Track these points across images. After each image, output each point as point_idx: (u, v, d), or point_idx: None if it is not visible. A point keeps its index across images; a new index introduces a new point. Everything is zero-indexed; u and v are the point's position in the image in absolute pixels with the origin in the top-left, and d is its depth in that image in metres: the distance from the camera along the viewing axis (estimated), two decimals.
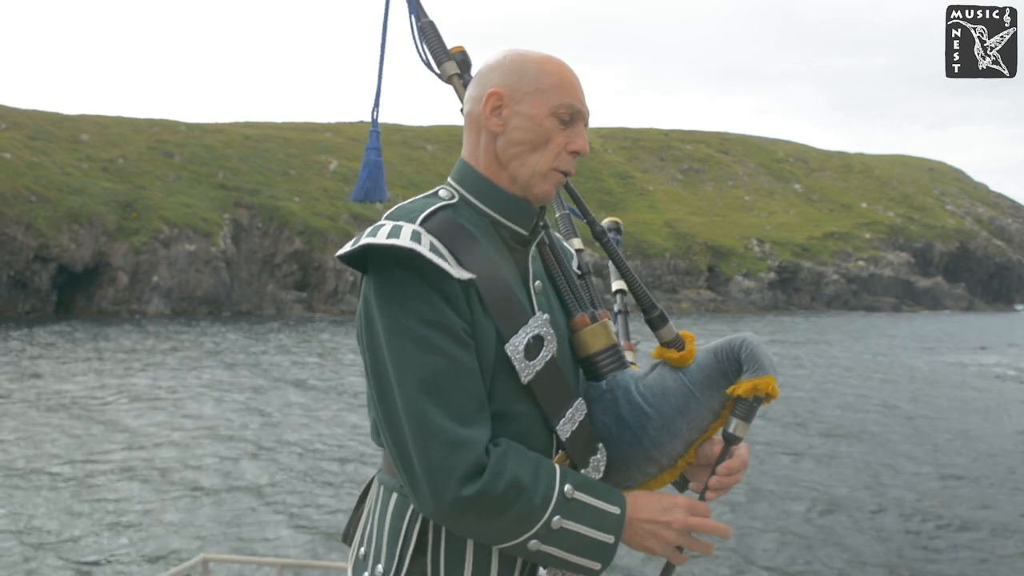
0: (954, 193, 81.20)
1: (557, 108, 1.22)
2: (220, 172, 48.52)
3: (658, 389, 1.24)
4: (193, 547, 7.43)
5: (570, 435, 1.19)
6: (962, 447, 13.43)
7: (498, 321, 1.15)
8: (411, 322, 1.10)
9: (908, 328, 40.55)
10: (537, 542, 1.11)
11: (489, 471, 1.08)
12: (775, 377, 1.20)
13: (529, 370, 1.16)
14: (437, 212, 1.19)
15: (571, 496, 1.13)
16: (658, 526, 1.17)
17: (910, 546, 8.44)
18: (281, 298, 44.04)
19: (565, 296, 1.29)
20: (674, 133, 78.26)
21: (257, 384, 18.34)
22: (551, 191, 1.25)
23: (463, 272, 1.13)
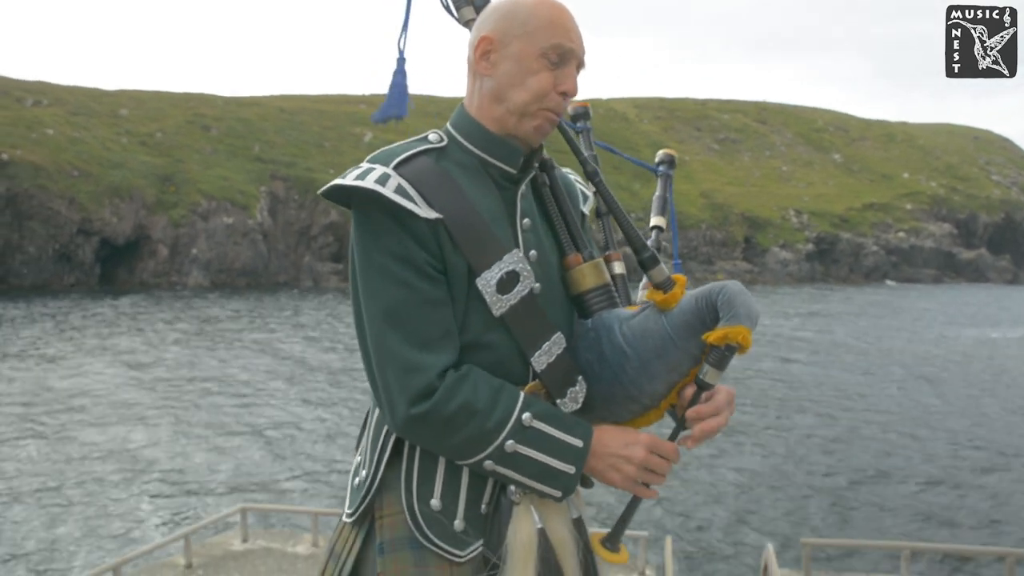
0: (1000, 163, 78.80)
1: (546, 49, 1.25)
2: (256, 145, 48.93)
3: (639, 330, 1.25)
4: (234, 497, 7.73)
5: (546, 367, 1.25)
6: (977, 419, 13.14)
7: (469, 256, 1.21)
8: (380, 256, 1.19)
9: (947, 299, 39.69)
10: (492, 463, 1.19)
11: (439, 393, 1.16)
12: (749, 327, 1.19)
13: (502, 303, 1.22)
14: (417, 156, 1.25)
15: (529, 424, 1.19)
16: (619, 460, 1.22)
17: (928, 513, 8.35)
18: (318, 270, 44.48)
19: (561, 235, 1.33)
20: (711, 103, 76.98)
21: (297, 349, 18.60)
22: (541, 130, 1.28)
23: (430, 212, 1.19)
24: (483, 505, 1.25)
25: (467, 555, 1.23)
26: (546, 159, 1.37)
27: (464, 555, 1.23)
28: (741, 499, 8.91)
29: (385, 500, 1.25)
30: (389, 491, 1.25)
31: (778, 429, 12.27)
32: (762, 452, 11.02)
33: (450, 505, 1.23)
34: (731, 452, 10.99)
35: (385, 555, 1.24)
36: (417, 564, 1.22)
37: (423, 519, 1.22)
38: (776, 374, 17.47)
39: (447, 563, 1.22)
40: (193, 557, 3.74)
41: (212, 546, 3.99)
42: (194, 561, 3.76)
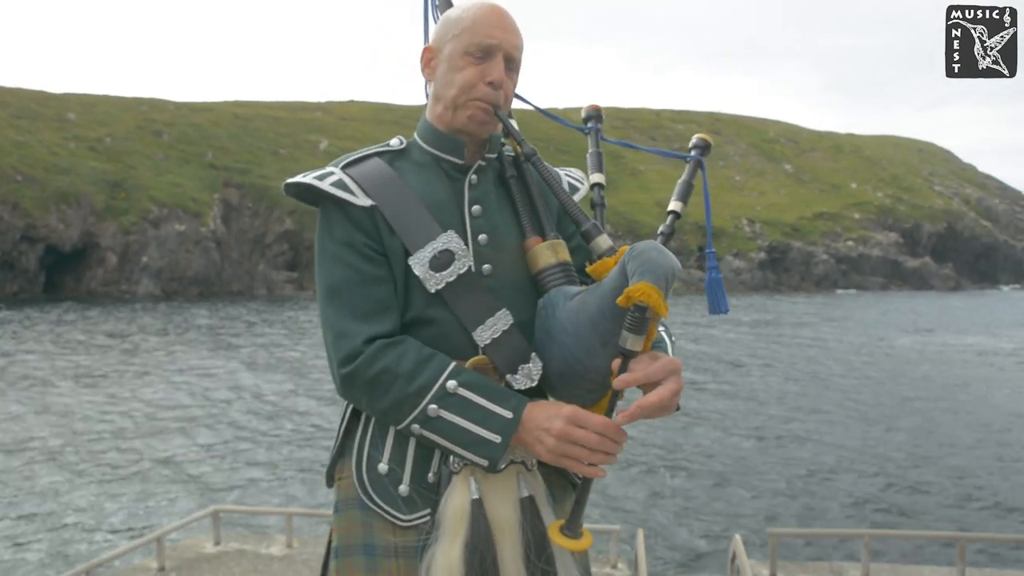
0: (943, 174, 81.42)
1: (468, 48, 1.35)
2: (209, 151, 48.19)
3: (578, 305, 1.24)
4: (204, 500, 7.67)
5: (490, 342, 1.29)
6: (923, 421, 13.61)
7: (403, 238, 1.31)
8: (328, 242, 1.33)
9: (894, 307, 40.90)
10: (418, 426, 1.24)
11: (362, 357, 1.25)
12: (652, 283, 1.11)
13: (436, 280, 1.30)
14: (370, 157, 1.39)
15: (454, 391, 1.24)
16: (541, 432, 1.22)
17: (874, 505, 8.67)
18: (272, 278, 43.90)
19: (522, 219, 1.39)
20: (665, 113, 78.12)
21: (251, 356, 18.36)
22: (477, 121, 1.36)
23: (365, 200, 1.31)
24: (430, 474, 1.29)
25: (411, 520, 1.27)
26: (520, 154, 1.43)
27: (407, 519, 1.27)
28: (710, 492, 9.16)
29: (344, 464, 1.35)
30: (347, 456, 1.35)
31: (743, 427, 12.55)
32: (725, 448, 11.30)
33: (396, 470, 1.29)
34: (696, 446, 11.27)
35: (339, 513, 1.34)
36: (364, 524, 1.30)
37: (369, 482, 1.30)
38: (733, 376, 17.82)
39: (391, 525, 1.28)
40: (165, 560, 3.70)
41: (184, 549, 3.95)
42: (166, 564, 3.72)
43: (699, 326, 29.11)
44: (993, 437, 12.97)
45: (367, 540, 1.29)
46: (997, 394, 16.98)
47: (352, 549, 1.30)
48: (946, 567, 3.98)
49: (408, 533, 1.27)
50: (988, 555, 6.59)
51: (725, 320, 31.65)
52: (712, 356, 21.34)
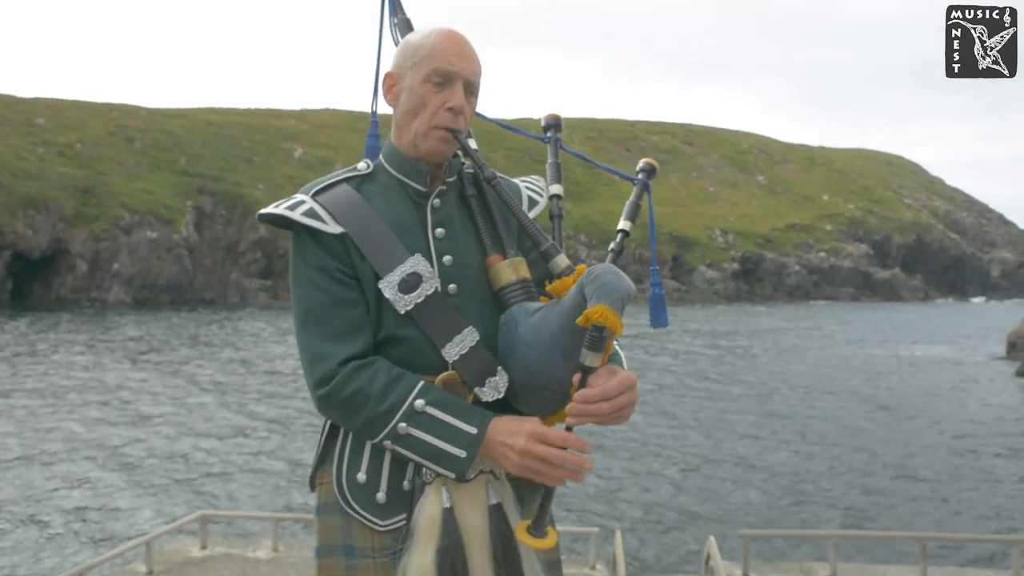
0: (912, 187, 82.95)
1: (429, 75, 1.40)
2: (182, 158, 47.75)
3: (539, 320, 1.32)
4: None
5: (458, 358, 1.36)
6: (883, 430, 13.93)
7: (373, 263, 1.37)
8: (303, 267, 1.39)
9: (864, 317, 41.54)
10: (390, 442, 1.32)
11: (337, 379, 1.32)
12: (609, 306, 1.19)
13: (406, 302, 1.36)
14: (338, 183, 1.44)
15: (422, 409, 1.31)
16: (504, 448, 1.30)
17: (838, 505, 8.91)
18: (245, 286, 43.57)
19: (483, 238, 1.46)
20: (640, 124, 78.77)
21: (231, 363, 18.26)
22: (438, 147, 1.41)
23: (336, 227, 1.37)
24: (405, 482, 1.37)
25: (388, 525, 1.36)
26: (478, 173, 1.49)
27: (384, 525, 1.36)
28: (685, 496, 9.39)
29: (325, 470, 1.43)
30: (328, 463, 1.43)
31: (716, 434, 12.76)
32: (700, 454, 11.52)
33: (373, 479, 1.37)
34: (671, 452, 11.51)
35: (320, 515, 1.43)
36: (343, 527, 1.39)
37: (348, 490, 1.38)
38: (706, 384, 18.07)
39: (368, 530, 1.37)
40: (154, 564, 3.75)
41: (171, 553, 3.99)
42: (155, 568, 3.77)
43: (670, 339, 29.38)
44: (953, 443, 13.35)
45: (346, 542, 1.38)
46: (959, 402, 17.40)
47: (333, 549, 1.39)
48: (910, 565, 4.15)
49: (385, 537, 1.36)
50: (948, 553, 6.89)
51: (699, 330, 31.99)
52: (685, 365, 21.59)
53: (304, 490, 8.86)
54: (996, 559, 6.20)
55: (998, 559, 5.89)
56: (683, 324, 33.77)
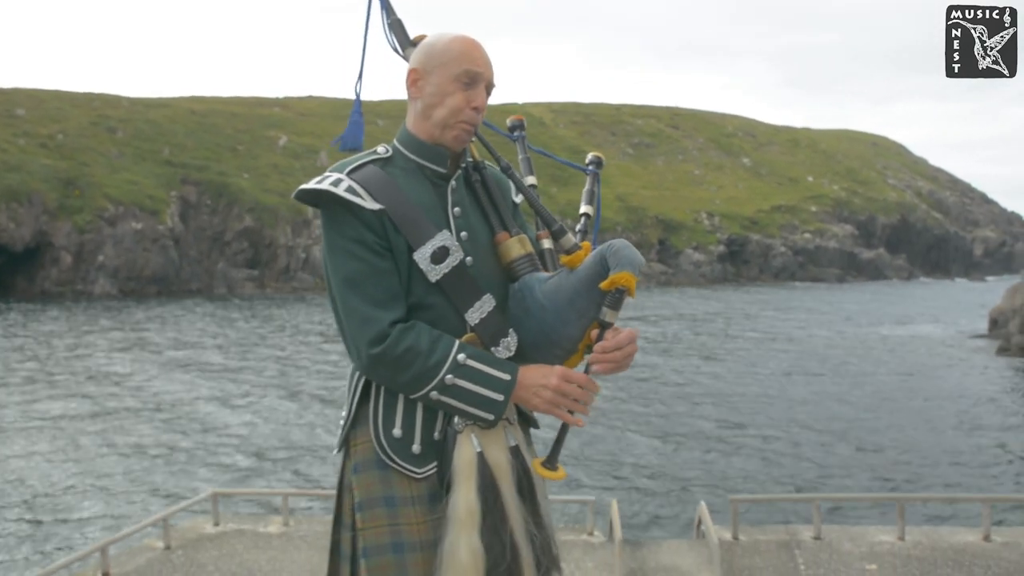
0: (896, 167, 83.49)
1: (459, 75, 1.58)
2: (166, 148, 47.39)
3: (554, 287, 1.55)
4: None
5: (478, 321, 1.56)
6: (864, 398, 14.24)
7: (407, 237, 1.54)
8: (340, 240, 1.53)
9: (850, 298, 41.99)
10: (436, 393, 1.50)
11: (390, 339, 1.48)
12: (631, 272, 1.47)
13: (436, 272, 1.54)
14: (366, 164, 1.60)
15: (464, 363, 1.50)
16: (538, 388, 1.52)
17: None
18: (232, 276, 43.44)
19: (491, 219, 1.66)
20: (625, 108, 78.69)
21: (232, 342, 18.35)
22: (460, 138, 1.61)
23: (374, 203, 1.53)
24: (436, 433, 1.56)
25: (424, 473, 1.55)
26: (477, 161, 1.71)
27: (421, 472, 1.55)
28: (677, 464, 9.78)
29: (359, 432, 1.59)
30: (361, 424, 1.59)
31: (705, 405, 13.04)
32: (690, 424, 11.85)
33: (408, 433, 1.55)
34: (663, 423, 11.91)
35: (359, 473, 1.57)
36: (383, 480, 1.55)
37: (388, 444, 1.55)
38: (693, 361, 18.35)
39: (407, 479, 1.55)
40: (171, 540, 3.91)
41: (185, 530, 4.13)
42: (172, 544, 3.93)
43: (660, 320, 29.66)
44: (934, 415, 13.72)
45: (387, 493, 1.55)
46: (941, 377, 17.76)
47: (374, 502, 1.55)
48: (889, 526, 4.37)
49: (422, 484, 1.55)
50: (924, 513, 7.28)
51: (686, 312, 32.29)
52: (673, 344, 21.86)
53: (306, 467, 9.21)
54: (968, 518, 6.53)
55: (971, 518, 6.19)
56: (671, 307, 34.07)
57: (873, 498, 6.99)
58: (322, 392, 14.73)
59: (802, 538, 4.20)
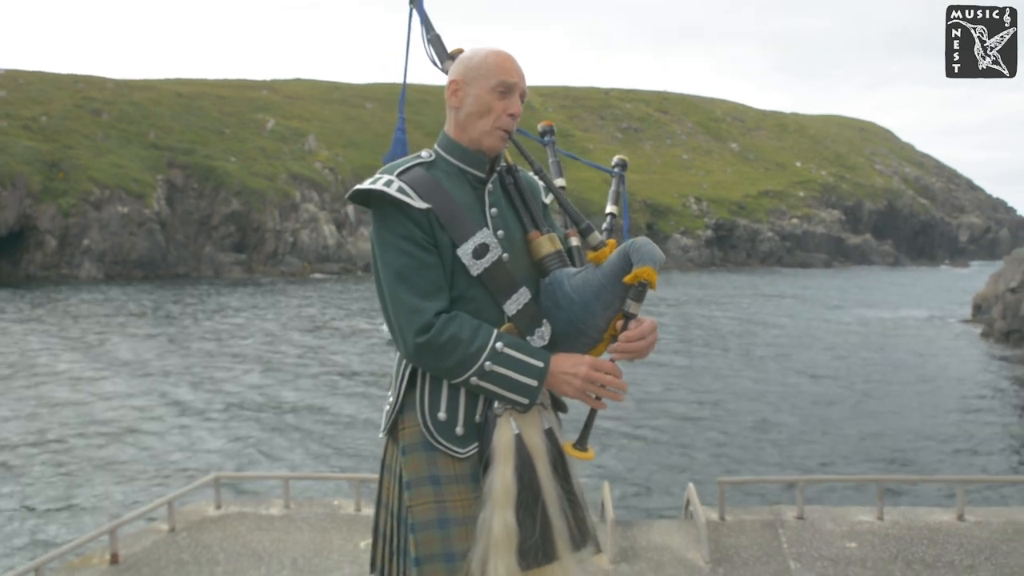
0: (883, 153, 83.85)
1: (496, 85, 1.72)
2: (151, 131, 46.96)
3: (581, 281, 1.69)
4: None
5: (515, 312, 1.70)
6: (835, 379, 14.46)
7: (452, 234, 1.67)
8: (390, 236, 1.67)
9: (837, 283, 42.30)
10: (476, 379, 1.63)
11: (435, 328, 1.61)
12: (653, 267, 1.61)
13: (477, 267, 1.67)
14: (413, 167, 1.74)
15: (501, 350, 1.64)
16: (569, 376, 1.66)
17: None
18: (219, 260, 43.24)
19: (523, 219, 1.80)
20: (614, 92, 78.54)
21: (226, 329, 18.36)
22: (498, 144, 1.75)
23: (422, 203, 1.66)
24: (477, 416, 1.69)
25: (466, 453, 1.68)
26: (510, 165, 1.84)
27: (464, 452, 1.68)
28: (667, 448, 10.04)
29: (406, 417, 1.72)
30: (408, 410, 1.72)
31: (695, 391, 13.24)
32: (680, 409, 12.07)
33: (452, 417, 1.69)
34: (656, 408, 12.15)
35: (407, 455, 1.70)
36: (429, 461, 1.69)
37: (433, 426, 1.69)
38: (682, 345, 18.56)
39: (451, 459, 1.68)
40: (176, 523, 4.01)
41: (189, 513, 4.23)
42: (176, 526, 4.04)
43: (650, 305, 29.79)
44: (916, 398, 13.98)
45: (433, 472, 1.69)
46: (926, 361, 18.03)
47: (421, 481, 1.69)
48: (868, 506, 4.53)
49: (464, 464, 1.69)
50: (901, 494, 7.52)
51: (675, 296, 32.49)
52: (661, 331, 22.07)
53: (304, 451, 9.38)
54: (945, 497, 6.75)
55: (947, 497, 6.40)
56: (660, 291, 34.21)
57: (854, 479, 7.22)
58: (311, 374, 14.81)
59: (786, 518, 4.35)
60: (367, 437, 10.42)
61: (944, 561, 3.88)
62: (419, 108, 62.87)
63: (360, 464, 9.12)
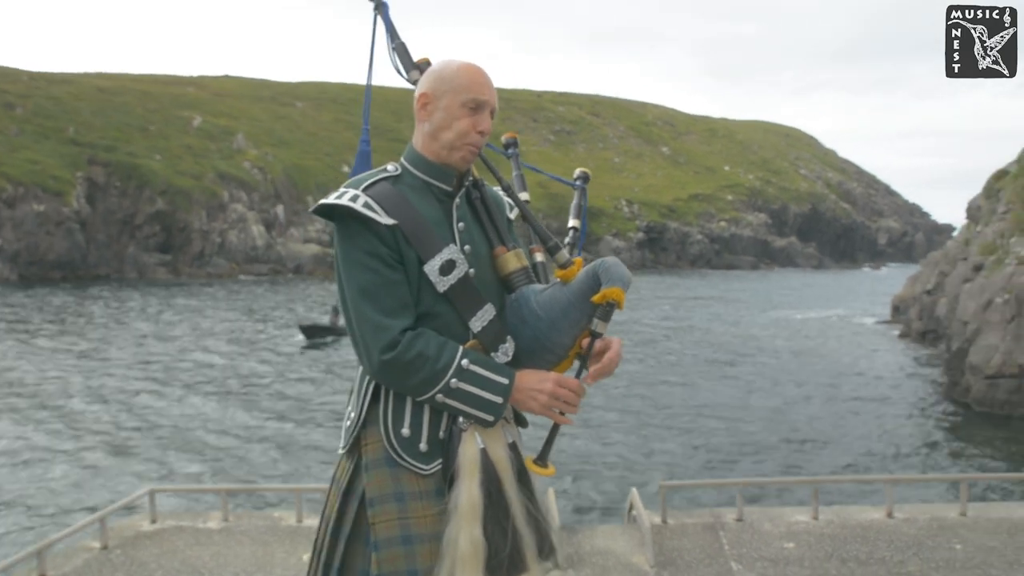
0: (807, 158, 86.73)
1: (466, 101, 1.69)
2: (70, 127, 45.20)
3: (548, 298, 1.68)
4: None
5: (480, 329, 1.69)
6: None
7: (418, 250, 1.65)
8: (355, 251, 1.63)
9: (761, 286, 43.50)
10: (442, 396, 1.62)
11: (401, 346, 1.60)
12: (621, 288, 1.61)
13: (444, 283, 1.65)
14: (379, 181, 1.70)
15: (467, 368, 1.63)
16: (534, 392, 1.66)
17: None
18: (143, 261, 41.89)
19: (489, 234, 1.78)
20: (547, 95, 79.17)
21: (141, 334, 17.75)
22: (466, 159, 1.73)
23: (388, 219, 1.63)
24: (441, 432, 1.67)
25: (430, 469, 1.66)
26: (477, 180, 1.81)
27: (428, 469, 1.66)
28: (609, 454, 10.14)
29: (369, 432, 1.69)
30: (371, 425, 1.69)
31: (633, 396, 13.41)
32: (620, 415, 12.18)
33: (416, 433, 1.66)
34: (589, 415, 12.19)
35: (369, 471, 1.67)
36: (393, 477, 1.66)
37: (397, 442, 1.66)
38: None
39: (415, 475, 1.66)
40: (108, 540, 3.84)
41: (122, 528, 4.06)
42: (109, 543, 3.87)
43: None
44: (838, 399, 14.51)
45: (397, 489, 1.66)
46: (848, 362, 18.73)
47: (385, 498, 1.66)
48: (804, 507, 4.68)
49: (429, 480, 1.67)
50: (836, 494, 7.74)
51: None
52: None
53: (235, 463, 9.06)
54: (874, 496, 7.03)
55: (876, 496, 6.67)
56: None
57: (790, 481, 7.45)
58: (235, 382, 14.49)
59: (725, 520, 4.45)
60: (262, 448, 10.20)
61: (876, 558, 4.02)
62: (350, 108, 62.20)
63: (295, 476, 8.96)
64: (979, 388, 13.78)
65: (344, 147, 54.94)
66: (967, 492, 4.71)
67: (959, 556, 4.05)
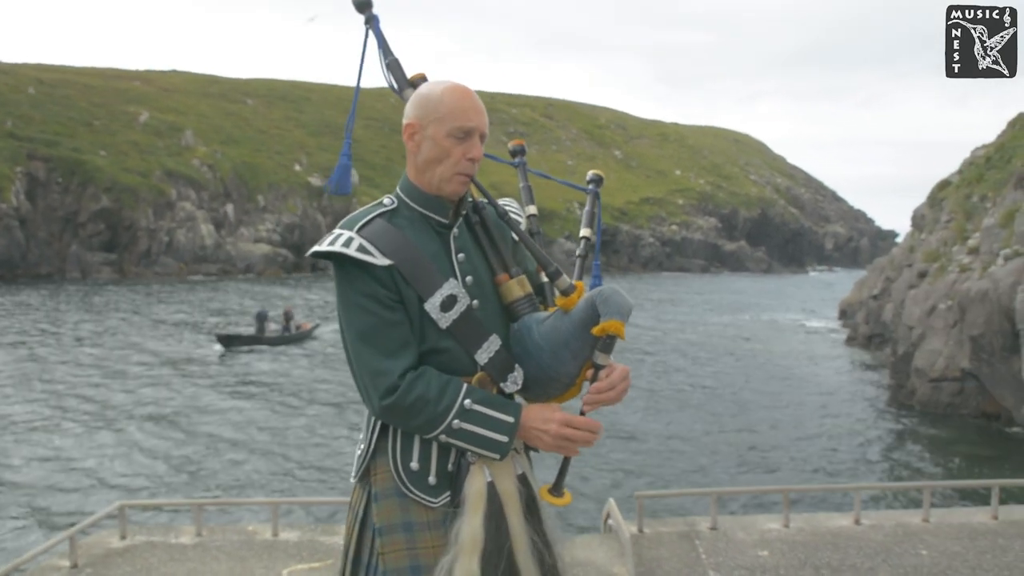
0: (757, 164, 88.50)
1: (453, 130, 1.65)
2: (8, 120, 43.72)
3: (550, 328, 1.66)
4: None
5: (487, 361, 1.67)
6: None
7: (417, 288, 1.62)
8: (354, 295, 1.61)
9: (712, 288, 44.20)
10: (445, 436, 1.61)
11: (400, 390, 1.58)
12: (620, 320, 1.58)
13: (446, 319, 1.63)
14: (374, 219, 1.67)
15: (470, 408, 1.61)
16: (539, 432, 1.65)
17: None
18: (87, 259, 40.76)
19: (491, 260, 1.75)
20: (500, 96, 79.31)
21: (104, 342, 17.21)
22: (459, 189, 1.69)
23: (384, 260, 1.61)
24: (449, 465, 1.66)
25: (439, 502, 1.65)
26: (476, 203, 1.77)
27: (437, 502, 1.65)
28: (586, 465, 10.07)
29: (378, 463, 1.68)
30: (380, 456, 1.68)
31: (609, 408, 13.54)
32: None
33: (424, 466, 1.65)
34: None
35: (379, 502, 1.67)
36: (402, 508, 1.66)
37: (406, 476, 1.66)
38: None
39: (424, 508, 1.65)
40: (78, 558, 3.71)
41: (91, 545, 3.92)
42: (79, 562, 3.74)
43: None
44: (794, 406, 14.78)
45: (406, 519, 1.66)
46: (796, 366, 19.15)
47: (394, 528, 1.66)
48: (775, 514, 4.76)
49: (436, 512, 1.66)
50: (806, 502, 7.95)
51: None
52: None
53: (208, 476, 8.94)
54: (841, 504, 7.21)
55: (844, 503, 6.85)
56: None
57: (762, 490, 7.59)
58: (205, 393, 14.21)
59: (700, 528, 4.49)
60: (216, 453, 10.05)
61: (847, 564, 4.11)
62: (301, 106, 61.35)
63: (268, 487, 8.81)
64: (924, 391, 14.24)
65: (295, 146, 54.14)
66: (929, 498, 4.85)
67: (925, 562, 4.16)
